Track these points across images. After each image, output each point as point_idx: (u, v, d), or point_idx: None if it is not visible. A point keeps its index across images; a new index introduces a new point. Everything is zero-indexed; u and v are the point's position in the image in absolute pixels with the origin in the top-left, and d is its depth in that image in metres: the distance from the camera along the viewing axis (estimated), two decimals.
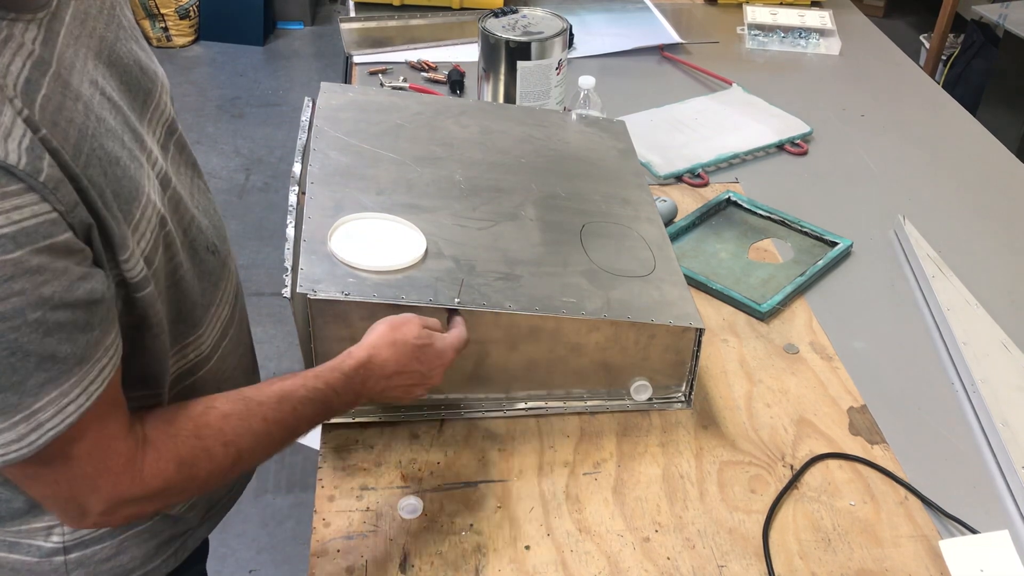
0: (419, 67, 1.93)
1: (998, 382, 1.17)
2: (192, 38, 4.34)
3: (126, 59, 0.85)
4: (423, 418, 1.10)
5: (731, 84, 1.91)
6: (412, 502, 1.00)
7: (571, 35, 1.92)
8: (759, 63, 2.09)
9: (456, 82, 1.85)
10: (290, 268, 1.00)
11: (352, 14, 2.16)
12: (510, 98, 1.62)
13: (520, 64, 1.57)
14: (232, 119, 3.80)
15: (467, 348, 1.02)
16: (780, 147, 1.72)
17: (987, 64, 3.43)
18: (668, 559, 0.96)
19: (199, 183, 0.98)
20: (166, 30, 4.23)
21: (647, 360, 1.09)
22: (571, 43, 2.02)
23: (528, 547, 0.97)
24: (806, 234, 1.46)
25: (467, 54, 1.96)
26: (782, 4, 2.28)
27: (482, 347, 1.05)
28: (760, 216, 1.50)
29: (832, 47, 2.14)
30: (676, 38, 2.12)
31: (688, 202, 1.53)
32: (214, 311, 0.97)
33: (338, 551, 0.95)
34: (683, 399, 1.13)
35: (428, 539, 0.97)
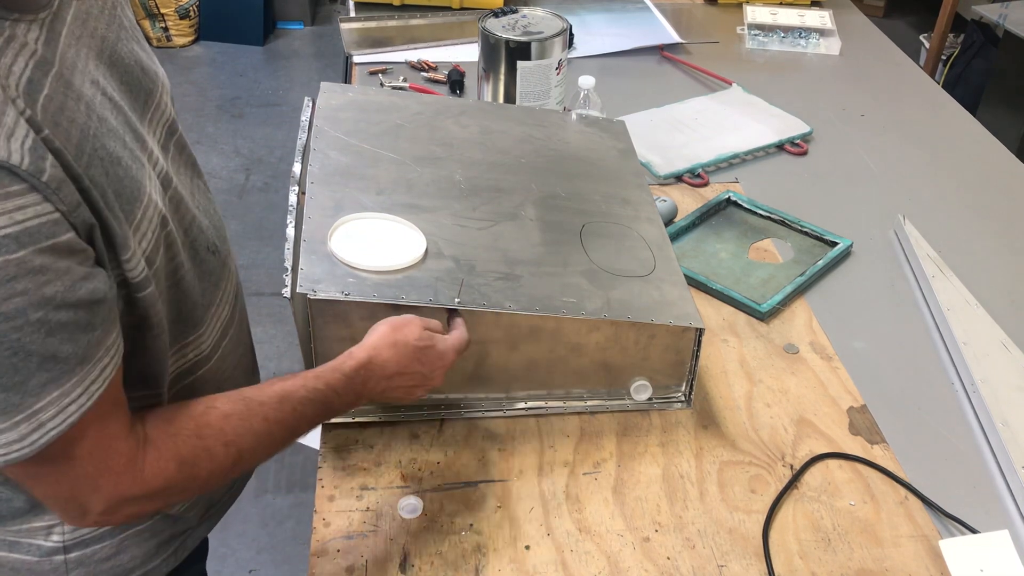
0: (419, 67, 1.93)
1: (998, 382, 1.17)
2: (192, 38, 4.34)
3: (127, 59, 0.85)
4: (423, 418, 1.10)
5: (731, 84, 1.91)
6: (412, 502, 1.00)
7: (571, 35, 1.92)
8: (759, 63, 2.09)
9: (456, 82, 1.85)
10: (290, 268, 1.00)
11: (352, 14, 2.16)
12: (510, 98, 1.62)
13: (520, 64, 1.57)
14: (232, 119, 3.80)
15: (467, 348, 1.02)
16: (780, 147, 1.72)
17: (987, 64, 3.43)
18: (668, 559, 0.96)
19: (199, 183, 0.99)
20: (166, 30, 4.23)
21: (647, 360, 1.09)
22: (571, 43, 2.02)
23: (528, 547, 0.97)
24: (806, 234, 1.46)
25: (467, 54, 1.96)
26: (782, 4, 2.28)
27: (482, 347, 1.05)
28: (760, 216, 1.50)
29: (832, 47, 2.14)
30: (676, 38, 2.12)
31: (688, 202, 1.53)
32: (214, 311, 0.97)
33: (338, 551, 0.95)
34: (683, 399, 1.13)
35: (428, 539, 0.97)
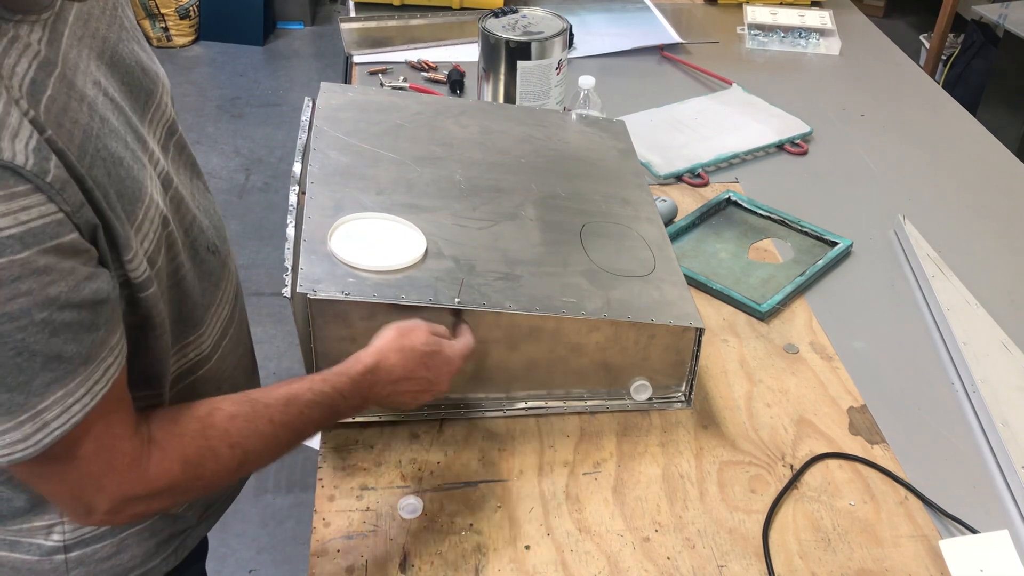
0: (419, 67, 1.93)
1: (998, 382, 1.17)
2: (192, 38, 4.34)
3: (128, 60, 0.85)
4: (423, 418, 1.10)
5: (731, 84, 1.91)
6: (412, 502, 1.00)
7: (571, 35, 1.92)
8: (759, 63, 2.09)
9: (456, 82, 1.85)
10: (290, 268, 1.00)
11: (352, 14, 2.16)
12: (510, 98, 1.62)
13: (520, 64, 1.57)
14: (232, 119, 3.80)
15: (473, 355, 1.02)
16: (780, 147, 1.72)
17: (987, 64, 3.43)
18: (668, 559, 0.96)
19: (199, 183, 0.99)
20: (166, 30, 4.23)
21: (647, 360, 1.09)
22: (571, 43, 2.02)
23: (528, 547, 0.97)
24: (806, 234, 1.46)
25: (467, 54, 1.96)
26: (782, 4, 2.28)
27: (482, 347, 1.05)
28: (760, 216, 1.50)
29: (832, 47, 2.14)
30: (676, 38, 2.12)
31: (688, 202, 1.53)
32: (214, 311, 0.97)
33: (338, 551, 0.95)
34: (683, 399, 1.13)
35: (428, 539, 0.97)
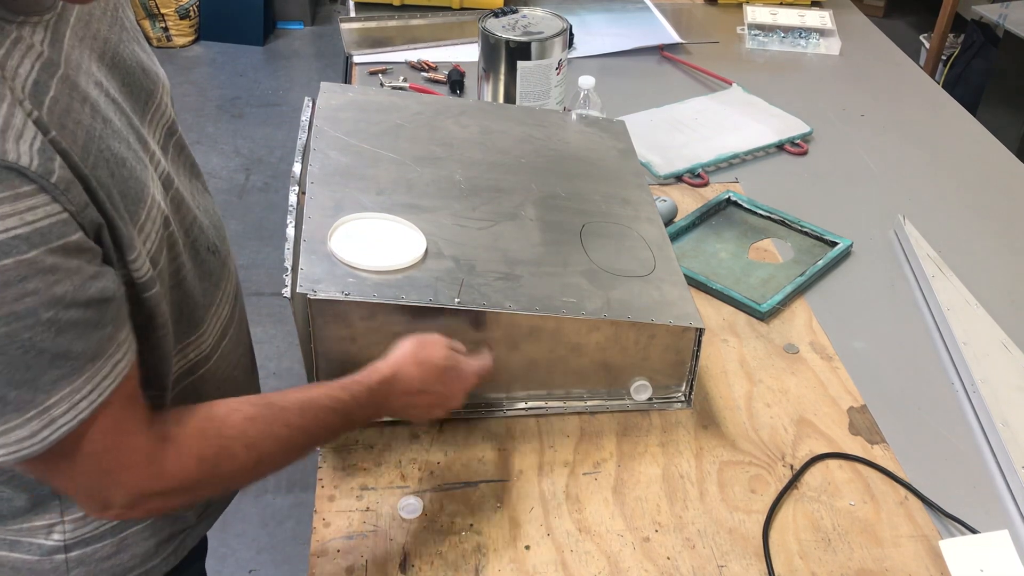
0: (419, 67, 1.93)
1: (998, 382, 1.17)
2: (192, 38, 4.34)
3: (128, 60, 0.85)
4: None
5: (731, 84, 1.91)
6: (412, 502, 1.00)
7: (571, 35, 1.92)
8: (759, 63, 2.09)
9: (456, 82, 1.85)
10: (290, 268, 1.00)
11: (352, 14, 2.16)
12: (510, 98, 1.62)
13: (520, 64, 1.57)
14: (232, 119, 3.80)
15: (467, 349, 1.02)
16: (780, 147, 1.72)
17: (987, 64, 3.43)
18: (668, 559, 0.96)
19: (198, 183, 0.99)
20: (166, 30, 4.23)
21: (647, 360, 1.09)
22: (571, 43, 2.02)
23: (528, 547, 0.97)
24: (806, 234, 1.46)
25: (467, 54, 1.96)
26: (782, 4, 2.28)
27: (482, 347, 1.05)
28: (760, 216, 1.50)
29: (832, 47, 2.14)
30: (676, 38, 2.12)
31: (688, 202, 1.53)
32: (214, 311, 0.97)
33: (338, 551, 0.95)
34: (683, 399, 1.13)
35: (428, 539, 0.97)
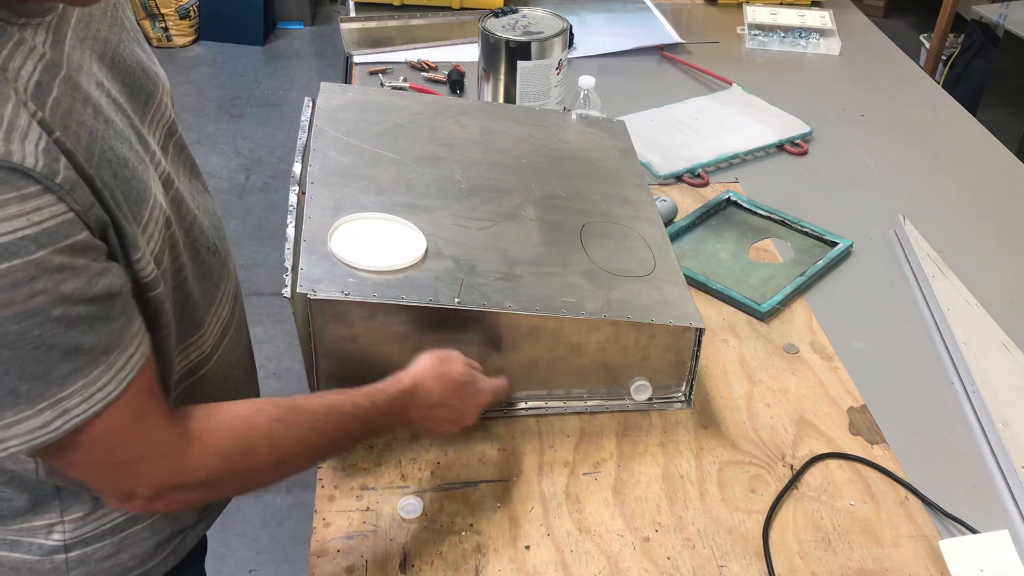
0: (419, 67, 1.93)
1: (998, 382, 1.17)
2: (192, 38, 4.34)
3: (129, 61, 0.85)
4: None
5: (731, 84, 1.91)
6: (412, 502, 1.00)
7: (571, 35, 1.92)
8: (759, 63, 2.09)
9: (456, 82, 1.85)
10: (290, 268, 1.00)
11: (352, 14, 2.16)
12: (510, 98, 1.62)
13: (520, 64, 1.57)
14: (232, 119, 3.80)
15: (467, 349, 1.02)
16: (780, 147, 1.72)
17: (987, 64, 3.43)
18: (668, 559, 0.96)
19: (198, 183, 0.99)
20: (166, 30, 4.23)
21: (647, 360, 1.09)
22: (571, 43, 2.02)
23: (528, 547, 0.97)
24: (806, 234, 1.46)
25: (467, 54, 1.96)
26: (782, 4, 2.28)
27: (482, 347, 1.05)
28: (760, 216, 1.50)
29: (832, 47, 2.14)
30: (676, 38, 2.12)
31: (688, 202, 1.53)
32: (214, 311, 0.97)
33: (338, 551, 0.95)
34: (683, 399, 1.13)
35: (428, 539, 0.97)
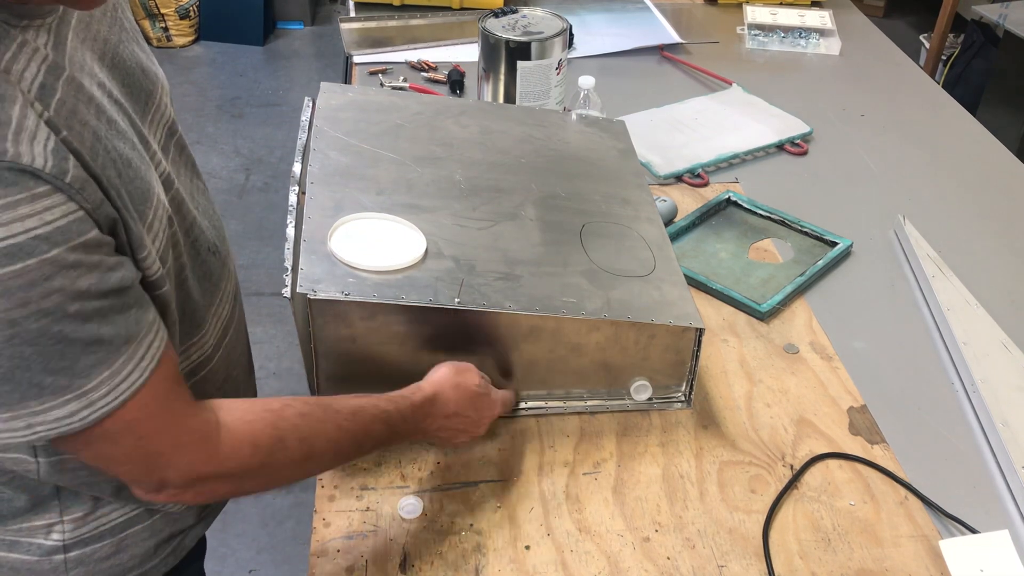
0: (419, 67, 1.93)
1: (998, 382, 1.17)
2: (192, 38, 4.34)
3: (128, 61, 0.85)
4: None
5: (731, 84, 1.91)
6: (412, 502, 1.00)
7: (571, 35, 1.92)
8: (759, 63, 2.08)
9: (456, 82, 1.85)
10: (290, 268, 1.00)
11: (352, 14, 2.16)
12: (510, 98, 1.62)
13: (520, 64, 1.57)
14: (232, 119, 3.80)
15: (467, 348, 1.03)
16: (780, 147, 1.72)
17: (987, 64, 3.43)
18: (668, 559, 0.96)
19: (198, 184, 0.99)
20: (166, 30, 4.23)
21: (647, 360, 1.09)
22: (571, 43, 2.02)
23: (528, 547, 0.97)
24: (806, 234, 1.46)
25: (467, 54, 1.96)
26: (782, 4, 2.28)
27: (482, 347, 1.05)
28: (760, 216, 1.50)
29: (832, 47, 2.14)
30: (676, 38, 2.12)
31: (688, 202, 1.53)
32: (215, 311, 0.97)
33: (338, 551, 0.95)
34: (683, 399, 1.13)
35: (428, 539, 0.97)
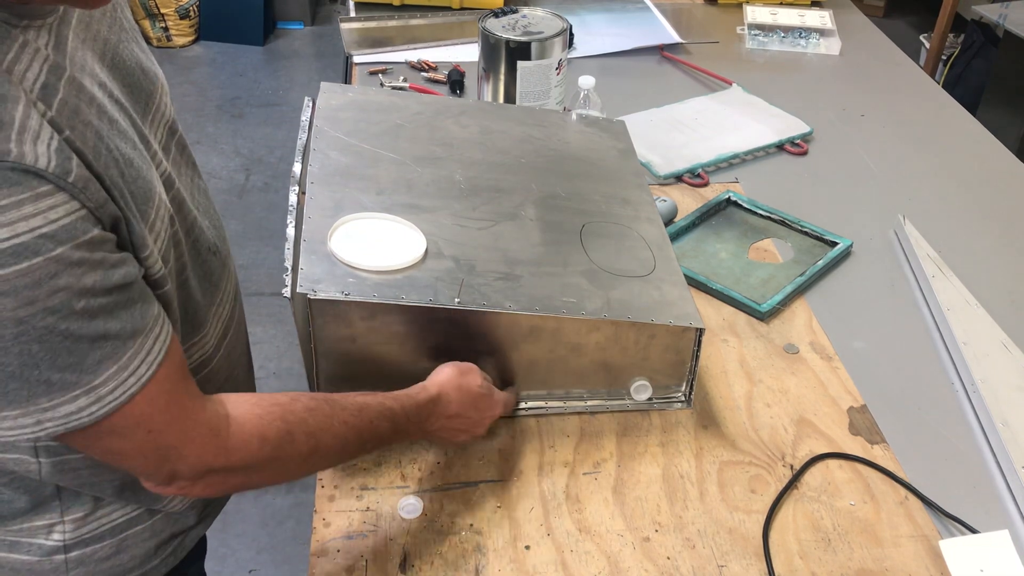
0: (419, 67, 1.93)
1: (998, 382, 1.17)
2: (192, 38, 4.34)
3: (128, 61, 0.85)
4: None
5: (731, 84, 1.91)
6: (412, 502, 1.00)
7: (571, 35, 1.92)
8: (759, 63, 2.08)
9: (456, 82, 1.85)
10: (290, 268, 1.00)
11: (352, 14, 2.16)
12: (510, 98, 1.62)
13: (520, 64, 1.57)
14: (232, 119, 3.80)
15: (467, 348, 1.03)
16: (780, 147, 1.72)
17: (987, 64, 3.43)
18: (668, 559, 0.96)
19: (199, 183, 0.99)
20: (166, 30, 4.23)
21: (647, 360, 1.09)
22: (571, 43, 2.02)
23: (528, 547, 0.97)
24: (806, 234, 1.46)
25: (467, 54, 1.96)
26: (782, 4, 2.28)
27: (482, 347, 1.05)
28: (760, 216, 1.50)
29: (832, 47, 2.14)
30: (676, 38, 2.12)
31: (688, 202, 1.53)
32: (215, 311, 0.97)
33: (338, 551, 0.95)
34: (683, 399, 1.13)
35: (428, 539, 0.97)
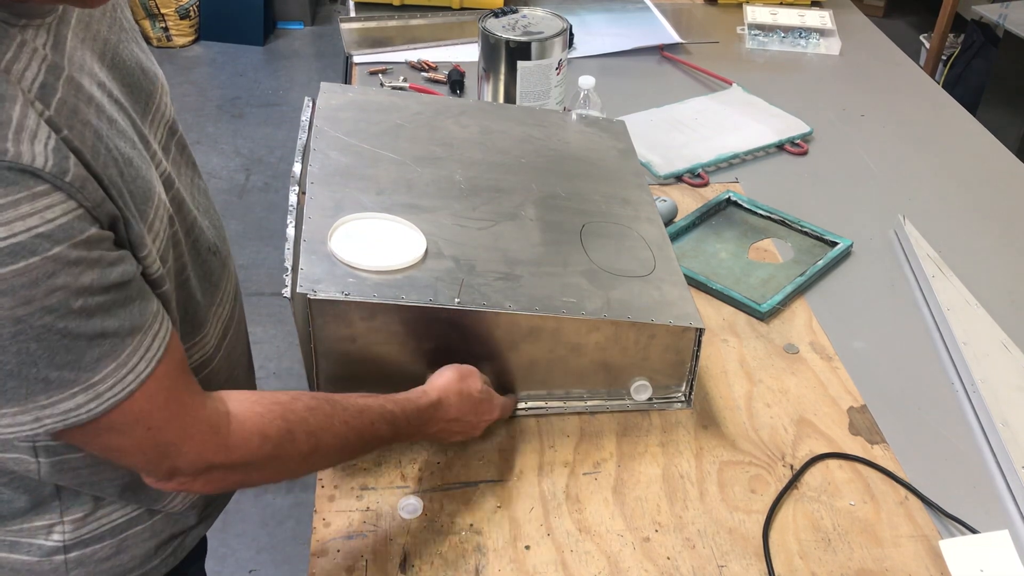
0: (419, 67, 1.93)
1: (998, 382, 1.17)
2: (192, 38, 4.34)
3: (128, 61, 0.85)
4: None
5: (731, 84, 1.91)
6: (412, 502, 1.00)
7: (571, 35, 1.92)
8: (759, 63, 2.08)
9: (456, 82, 1.85)
10: (290, 268, 1.00)
11: (352, 14, 2.16)
12: (510, 98, 1.62)
13: (520, 64, 1.57)
14: (232, 119, 3.80)
15: (467, 348, 1.03)
16: (780, 147, 1.72)
17: (987, 64, 3.43)
18: (668, 559, 0.96)
19: (199, 183, 0.99)
20: (166, 30, 4.23)
21: (647, 360, 1.09)
22: (571, 43, 2.02)
23: (528, 547, 0.97)
24: (806, 234, 1.46)
25: (467, 54, 1.96)
26: (782, 4, 2.28)
27: (482, 347, 1.05)
28: (760, 216, 1.50)
29: (832, 47, 2.14)
30: (676, 38, 2.12)
31: (688, 202, 1.53)
32: (215, 311, 0.97)
33: (338, 551, 0.95)
34: (683, 399, 1.13)
35: (428, 539, 0.97)
